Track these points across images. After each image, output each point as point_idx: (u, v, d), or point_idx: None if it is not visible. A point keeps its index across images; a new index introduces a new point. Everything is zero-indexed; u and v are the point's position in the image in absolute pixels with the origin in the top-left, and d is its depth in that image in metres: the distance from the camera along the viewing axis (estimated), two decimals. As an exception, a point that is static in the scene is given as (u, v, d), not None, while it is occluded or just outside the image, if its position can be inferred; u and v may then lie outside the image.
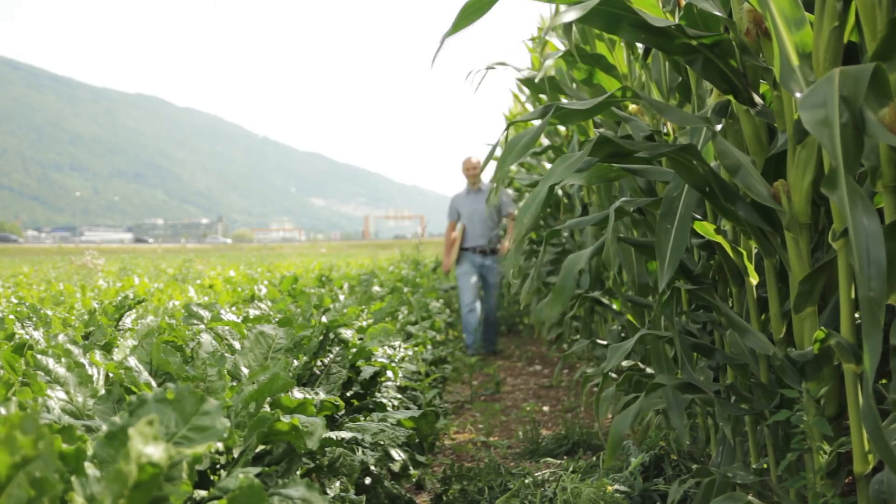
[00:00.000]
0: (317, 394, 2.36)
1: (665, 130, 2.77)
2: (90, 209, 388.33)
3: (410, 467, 3.06)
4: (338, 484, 2.24)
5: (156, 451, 0.86)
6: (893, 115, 1.39)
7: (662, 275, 1.96)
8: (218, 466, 1.72)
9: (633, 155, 1.95)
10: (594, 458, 3.20)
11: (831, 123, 1.35)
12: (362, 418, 2.65)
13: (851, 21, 1.69)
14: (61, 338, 2.30)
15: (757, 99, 2.01)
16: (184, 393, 1.09)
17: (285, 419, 1.71)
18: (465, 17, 1.88)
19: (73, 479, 1.03)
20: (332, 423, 2.57)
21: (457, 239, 7.85)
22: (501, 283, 8.12)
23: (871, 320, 1.30)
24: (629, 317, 3.33)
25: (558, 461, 3.37)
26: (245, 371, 2.35)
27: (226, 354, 2.39)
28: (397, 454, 2.81)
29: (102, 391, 1.96)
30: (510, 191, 8.29)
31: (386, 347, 3.55)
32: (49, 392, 1.88)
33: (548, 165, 6.73)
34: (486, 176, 8.66)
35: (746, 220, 1.96)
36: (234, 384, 2.20)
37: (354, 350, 2.94)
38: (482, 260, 7.82)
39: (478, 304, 7.76)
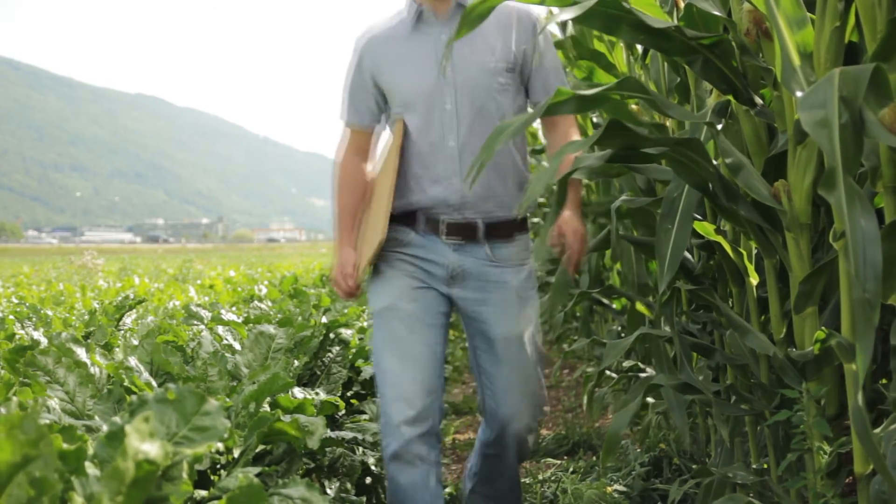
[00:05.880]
0: (317, 394, 2.36)
1: (665, 130, 2.77)
2: (91, 209, 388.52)
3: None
4: (338, 484, 2.24)
5: (152, 448, 0.86)
6: (893, 115, 1.39)
7: (663, 275, 1.96)
8: (218, 466, 1.72)
9: (640, 149, 1.91)
10: (594, 459, 3.21)
11: (830, 124, 1.35)
12: (363, 418, 2.65)
13: (852, 21, 1.69)
14: (64, 336, 2.30)
15: (757, 99, 2.01)
16: (184, 393, 1.10)
17: (286, 419, 1.71)
18: (468, 24, 1.88)
19: (73, 478, 1.03)
20: (333, 423, 2.57)
21: (373, 184, 2.20)
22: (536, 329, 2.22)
23: (864, 322, 1.30)
24: (628, 316, 3.33)
25: (558, 461, 3.37)
26: (245, 371, 2.35)
27: (226, 354, 2.39)
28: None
29: (103, 391, 1.97)
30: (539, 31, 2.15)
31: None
32: (49, 392, 1.88)
33: (545, 164, 6.69)
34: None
35: (747, 219, 1.96)
36: (235, 384, 2.21)
37: (355, 350, 2.94)
38: (463, 260, 2.11)
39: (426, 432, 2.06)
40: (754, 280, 2.19)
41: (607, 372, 3.77)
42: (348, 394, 2.91)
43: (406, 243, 2.12)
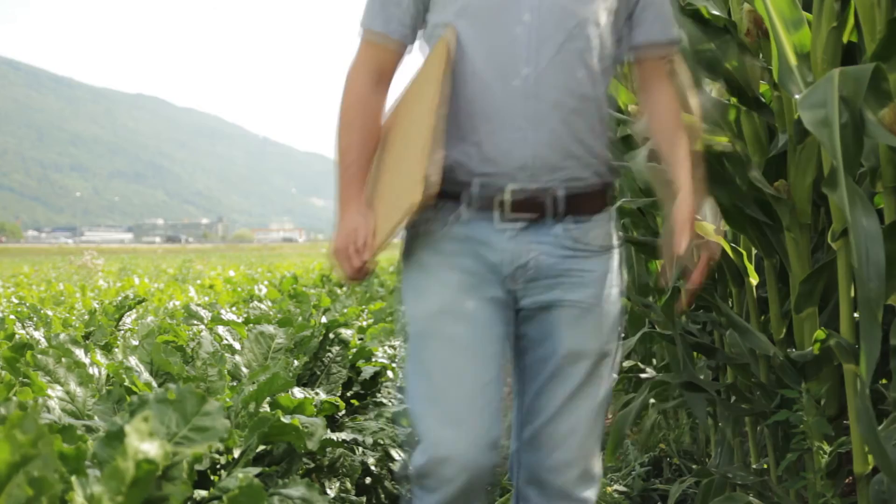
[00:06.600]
0: (317, 394, 2.36)
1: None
2: (90, 209, 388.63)
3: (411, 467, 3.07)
4: (338, 484, 2.24)
5: (152, 448, 0.87)
6: (893, 115, 1.39)
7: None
8: (218, 466, 1.72)
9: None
10: (594, 459, 3.20)
11: (831, 123, 1.36)
12: (363, 418, 2.65)
13: (850, 21, 1.70)
14: (62, 337, 2.30)
15: (760, 98, 2.02)
16: (185, 393, 1.10)
17: (285, 419, 1.71)
18: None
19: (73, 478, 1.03)
20: (333, 424, 2.57)
21: (390, 126, 1.59)
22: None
23: (869, 320, 1.30)
24: (628, 317, 3.33)
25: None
26: (245, 371, 2.35)
27: (226, 354, 2.39)
28: (398, 454, 2.82)
29: (103, 391, 1.97)
30: None
31: (386, 347, 3.56)
32: (49, 392, 1.88)
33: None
34: None
35: (750, 216, 1.96)
36: (235, 384, 2.21)
37: (354, 350, 2.94)
38: (528, 249, 1.46)
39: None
40: (754, 280, 2.19)
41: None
42: (348, 394, 2.91)
43: (447, 221, 1.48)
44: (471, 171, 1.46)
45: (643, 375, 2.89)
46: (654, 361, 3.25)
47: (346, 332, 2.89)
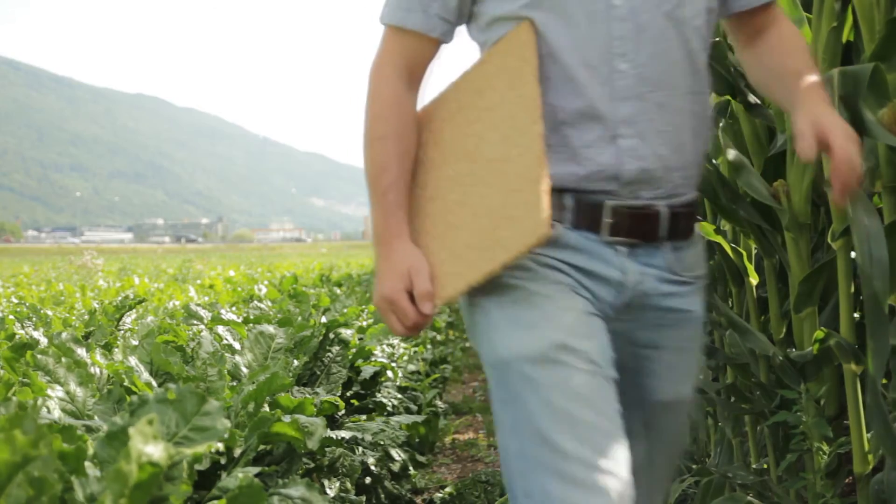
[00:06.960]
0: (317, 394, 2.37)
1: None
2: (90, 209, 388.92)
3: (410, 467, 3.07)
4: (338, 484, 2.24)
5: (156, 451, 0.87)
6: (892, 115, 1.39)
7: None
8: (218, 466, 1.72)
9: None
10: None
11: (831, 123, 1.35)
12: (362, 418, 2.65)
13: (850, 21, 1.70)
14: (64, 335, 2.31)
15: (756, 99, 2.02)
16: (185, 393, 1.10)
17: (285, 419, 1.71)
18: None
19: (73, 478, 1.03)
20: (333, 423, 2.57)
21: (434, 137, 1.32)
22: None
23: (875, 319, 1.30)
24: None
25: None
26: (245, 371, 2.35)
27: (226, 354, 2.39)
28: (397, 454, 2.82)
29: (103, 391, 1.97)
30: None
31: (385, 347, 3.56)
32: (49, 392, 1.88)
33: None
34: None
35: (747, 219, 1.96)
36: (235, 384, 2.21)
37: (354, 350, 2.94)
38: (644, 275, 1.23)
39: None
40: (754, 280, 2.19)
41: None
42: (348, 394, 2.91)
43: (549, 243, 1.18)
44: (563, 188, 1.21)
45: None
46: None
47: (346, 332, 2.89)
